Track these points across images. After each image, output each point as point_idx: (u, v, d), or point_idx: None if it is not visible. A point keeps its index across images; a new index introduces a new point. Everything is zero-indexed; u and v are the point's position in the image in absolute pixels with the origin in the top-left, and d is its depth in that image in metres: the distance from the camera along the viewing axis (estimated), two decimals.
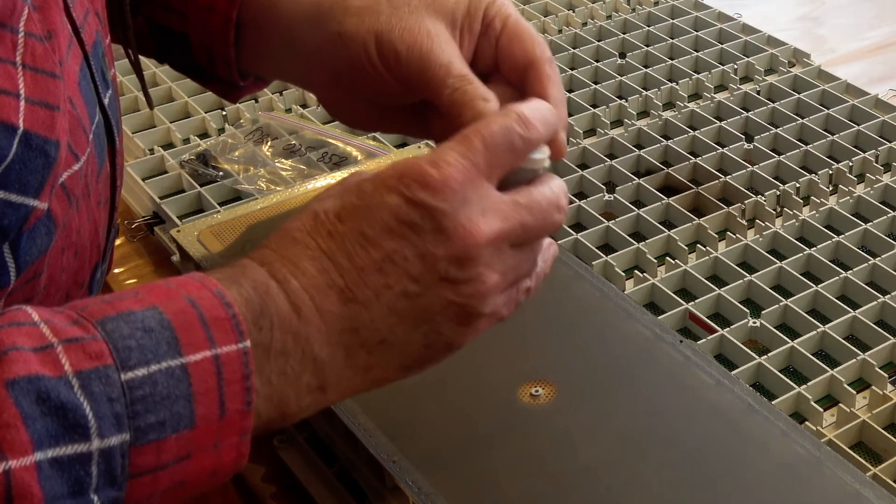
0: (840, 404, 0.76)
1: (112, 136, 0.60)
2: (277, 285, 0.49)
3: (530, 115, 0.52)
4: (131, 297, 0.46)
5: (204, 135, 1.09)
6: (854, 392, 0.77)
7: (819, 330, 0.82)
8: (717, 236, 0.93)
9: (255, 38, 0.67)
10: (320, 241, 0.50)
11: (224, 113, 1.10)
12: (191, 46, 0.69)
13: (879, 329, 0.82)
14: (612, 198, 0.98)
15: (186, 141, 1.07)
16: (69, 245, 0.55)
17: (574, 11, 1.28)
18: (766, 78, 1.16)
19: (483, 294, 0.51)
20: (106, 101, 0.59)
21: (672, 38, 1.22)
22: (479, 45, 0.61)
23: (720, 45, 1.20)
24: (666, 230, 0.93)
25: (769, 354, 0.80)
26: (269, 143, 1.03)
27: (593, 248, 0.91)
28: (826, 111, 1.09)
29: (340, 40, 0.61)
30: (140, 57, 0.72)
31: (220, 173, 1.00)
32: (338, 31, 0.61)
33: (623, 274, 0.88)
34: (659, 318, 0.81)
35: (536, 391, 0.71)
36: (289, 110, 1.10)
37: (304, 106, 1.11)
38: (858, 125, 1.06)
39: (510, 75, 0.60)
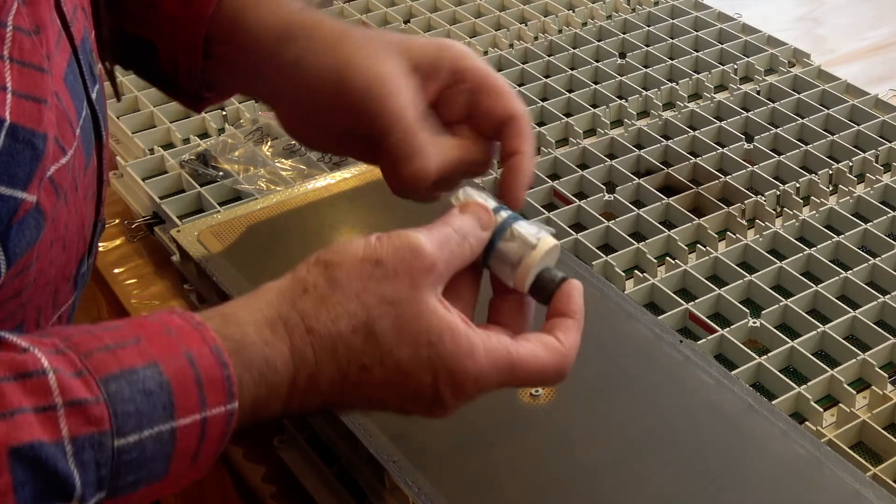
0: (840, 404, 0.76)
1: (99, 131, 0.61)
2: (286, 396, 0.51)
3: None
4: (133, 343, 0.47)
5: (204, 135, 1.09)
6: (854, 392, 0.77)
7: (819, 330, 0.82)
8: (717, 236, 0.93)
9: (222, 51, 0.67)
10: (351, 370, 0.52)
11: (224, 113, 1.10)
12: (157, 55, 0.69)
13: (879, 329, 0.82)
14: (612, 198, 0.98)
15: (186, 141, 1.07)
16: (57, 238, 0.55)
17: (574, 11, 1.28)
18: (766, 78, 1.16)
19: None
20: (94, 95, 0.60)
21: (672, 38, 1.22)
22: (446, 94, 0.62)
23: (720, 45, 1.20)
24: (666, 230, 0.93)
25: (769, 354, 0.80)
26: (269, 143, 1.03)
27: (593, 248, 0.91)
28: (826, 111, 1.09)
29: (301, 67, 0.62)
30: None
31: (220, 173, 1.00)
32: (300, 56, 0.62)
33: (623, 274, 0.88)
34: (659, 318, 0.81)
35: (536, 391, 0.71)
36: None
37: None
38: (858, 125, 1.06)
39: (483, 126, 0.62)
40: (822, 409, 0.76)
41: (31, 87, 0.50)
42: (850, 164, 1.01)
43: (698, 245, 0.92)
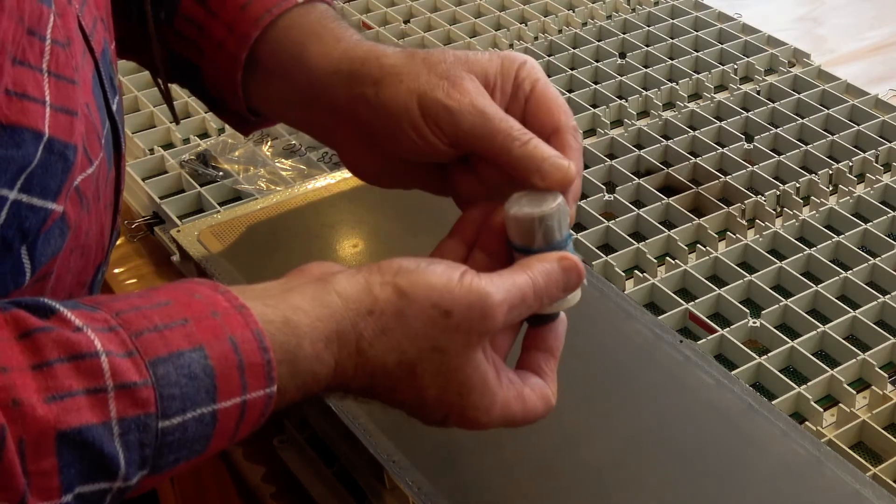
0: (840, 404, 0.76)
1: (118, 141, 0.61)
2: (324, 387, 0.53)
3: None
4: (180, 325, 0.48)
5: (204, 135, 1.09)
6: (854, 392, 0.77)
7: (819, 330, 0.82)
8: (717, 236, 0.93)
9: (277, 84, 0.66)
10: (379, 390, 0.54)
11: None
12: (201, 75, 0.69)
13: (879, 329, 0.82)
14: (612, 198, 0.98)
15: (186, 141, 1.07)
16: (77, 246, 0.56)
17: (574, 11, 1.28)
18: (766, 78, 1.16)
19: None
20: (114, 106, 0.60)
21: (672, 38, 1.22)
22: (509, 104, 0.61)
23: (720, 45, 1.20)
24: (666, 230, 0.93)
25: (769, 354, 0.80)
26: (269, 143, 1.04)
27: (593, 248, 0.91)
28: (826, 111, 1.09)
29: (377, 101, 0.60)
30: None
31: (220, 173, 1.00)
32: (374, 92, 0.60)
33: (623, 274, 0.88)
34: (659, 318, 0.81)
35: None
36: None
37: None
38: (858, 125, 1.06)
39: (533, 131, 0.60)
40: (822, 409, 0.76)
41: (65, 99, 0.50)
42: (850, 164, 1.01)
43: (698, 245, 0.92)
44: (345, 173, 0.93)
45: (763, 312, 0.84)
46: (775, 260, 0.89)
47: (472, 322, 0.52)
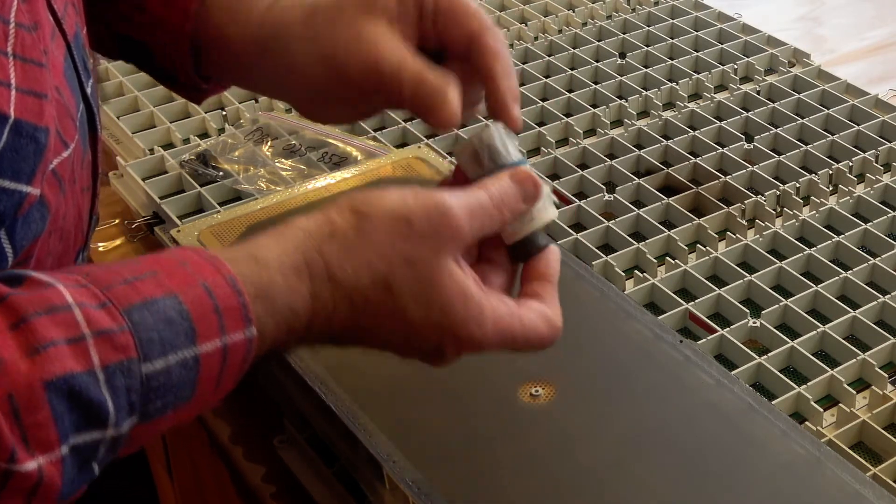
0: (840, 404, 0.76)
1: (94, 124, 0.61)
2: (305, 331, 0.53)
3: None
4: (150, 276, 0.48)
5: (204, 135, 1.09)
6: (854, 392, 0.77)
7: (819, 330, 0.82)
8: (717, 236, 0.93)
9: (211, 52, 0.67)
10: (364, 320, 0.53)
11: (224, 113, 1.10)
12: (153, 54, 0.69)
13: (879, 329, 0.82)
14: (612, 198, 0.98)
15: (186, 141, 1.07)
16: (55, 229, 0.56)
17: (574, 11, 1.28)
18: (766, 78, 1.16)
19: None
20: (88, 89, 0.60)
21: (672, 38, 1.22)
22: (421, 28, 0.61)
23: (720, 45, 1.20)
24: (666, 230, 0.93)
25: (769, 354, 0.80)
26: (269, 143, 1.03)
27: (593, 248, 0.91)
28: (826, 111, 1.09)
29: (295, 70, 0.63)
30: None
31: (220, 173, 1.00)
32: (290, 62, 0.63)
33: (623, 274, 0.88)
34: (659, 318, 0.81)
35: (536, 391, 0.71)
36: (289, 110, 1.10)
37: None
38: (858, 125, 1.06)
39: (456, 52, 0.61)
40: (822, 409, 0.76)
41: (32, 82, 0.51)
42: (850, 164, 1.01)
43: (698, 245, 0.92)
44: (345, 173, 0.93)
45: (763, 312, 0.84)
46: (775, 260, 0.89)
47: (435, 227, 0.53)
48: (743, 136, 1.06)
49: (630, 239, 0.92)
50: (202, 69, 0.69)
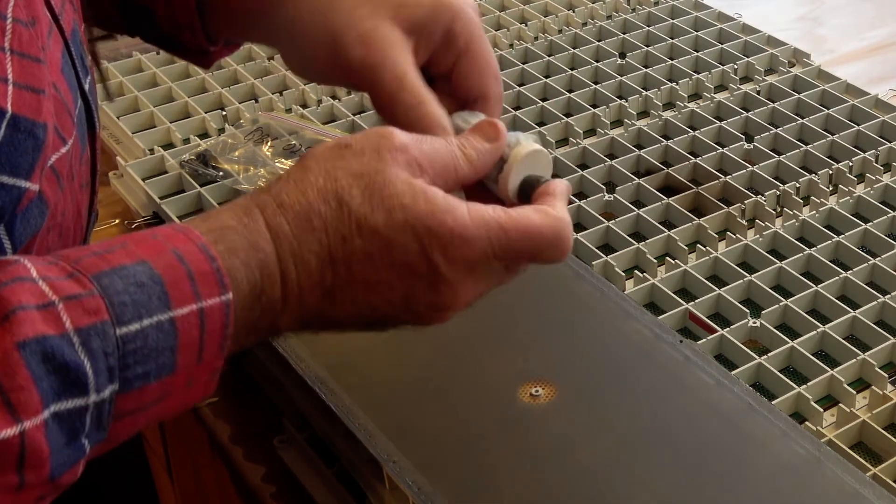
0: (840, 404, 0.76)
1: (92, 120, 0.61)
2: (280, 275, 0.51)
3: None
4: (119, 248, 0.48)
5: (204, 135, 1.09)
6: (854, 392, 0.77)
7: (819, 330, 0.82)
8: (717, 236, 0.93)
9: (217, 9, 0.67)
10: (333, 243, 0.51)
11: (224, 113, 1.10)
12: (156, 18, 0.69)
13: (879, 329, 0.82)
14: (612, 198, 0.98)
15: (186, 141, 1.07)
16: (54, 226, 0.56)
17: (574, 11, 1.28)
18: (766, 78, 1.16)
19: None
20: (86, 86, 0.60)
21: (672, 38, 1.22)
22: (436, 52, 0.61)
23: (720, 45, 1.20)
24: (666, 230, 0.93)
25: (769, 354, 0.80)
26: (269, 143, 1.03)
27: (593, 248, 0.91)
28: (826, 111, 1.09)
29: (294, 30, 0.61)
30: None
31: (220, 173, 1.00)
32: (292, 20, 0.61)
33: (623, 274, 0.88)
34: (659, 318, 0.81)
35: (536, 391, 0.71)
36: (289, 110, 1.10)
37: (304, 106, 1.11)
38: (858, 125, 1.06)
39: (459, 93, 0.61)
40: (822, 409, 0.76)
41: (30, 77, 0.51)
42: (850, 164, 1.01)
43: (698, 245, 0.92)
44: None
45: (763, 312, 0.84)
46: (775, 260, 0.89)
47: (375, 144, 0.52)
48: (743, 136, 1.06)
49: (630, 239, 0.92)
50: (208, 27, 0.68)
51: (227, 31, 0.69)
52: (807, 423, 0.75)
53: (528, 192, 0.55)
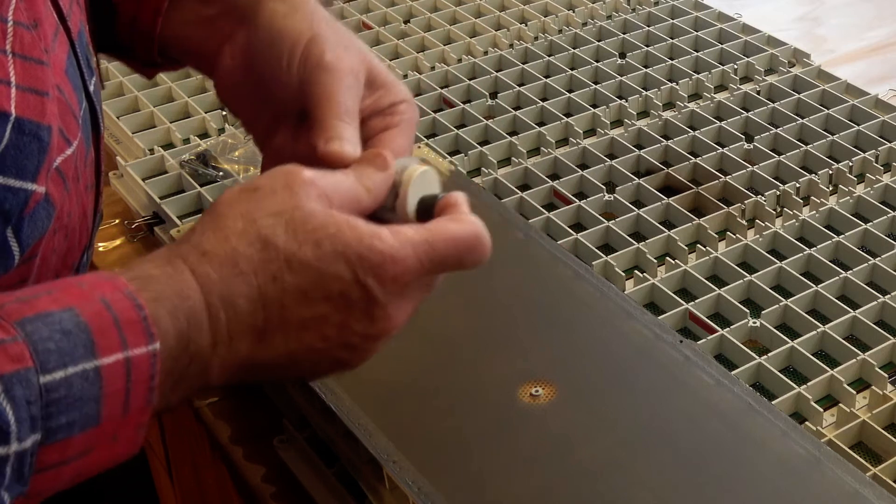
0: (840, 404, 0.76)
1: (97, 122, 0.61)
2: (208, 321, 0.50)
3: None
4: (45, 295, 0.47)
5: (204, 135, 1.09)
6: (854, 392, 0.77)
7: (819, 330, 0.82)
8: (717, 236, 0.93)
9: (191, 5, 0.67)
10: (262, 283, 0.50)
11: (224, 113, 1.10)
12: (116, 17, 0.69)
13: (879, 329, 0.82)
14: (612, 198, 0.98)
15: (186, 141, 1.07)
16: (60, 227, 0.56)
17: (574, 11, 1.28)
18: (766, 78, 1.16)
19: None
20: (91, 87, 0.60)
21: (672, 38, 1.22)
22: (370, 109, 0.62)
23: (720, 45, 1.20)
24: (666, 230, 0.93)
25: (769, 354, 0.80)
26: None
27: (593, 248, 0.91)
28: (826, 111, 1.09)
29: (270, 25, 0.62)
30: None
31: (220, 173, 1.00)
32: (286, 11, 0.62)
33: (623, 274, 0.88)
34: (659, 318, 0.81)
35: (536, 391, 0.71)
36: None
37: None
38: (858, 125, 1.06)
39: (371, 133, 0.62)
40: (822, 409, 0.76)
41: (33, 80, 0.50)
42: (850, 164, 1.01)
43: (698, 245, 0.92)
44: None
45: (763, 312, 0.84)
46: (775, 260, 0.89)
47: (282, 180, 0.52)
48: (743, 136, 1.06)
49: (630, 239, 0.92)
50: (163, 35, 0.68)
51: (182, 31, 0.69)
52: (807, 423, 0.75)
53: (428, 210, 0.56)
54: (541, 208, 0.96)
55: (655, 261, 0.90)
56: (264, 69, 0.63)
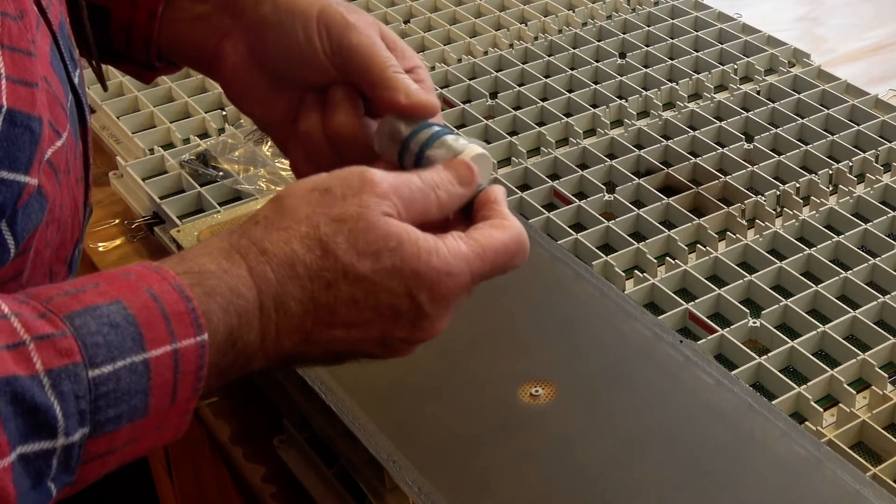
0: (840, 404, 0.77)
1: (83, 114, 0.61)
2: (259, 320, 0.50)
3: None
4: (92, 288, 0.47)
5: (204, 135, 1.09)
6: (854, 392, 0.77)
7: (819, 330, 0.82)
8: (717, 236, 0.93)
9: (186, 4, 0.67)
10: (317, 290, 0.51)
11: (224, 113, 1.10)
12: (109, 23, 0.68)
13: (879, 329, 0.82)
14: (612, 198, 0.98)
15: (186, 141, 1.07)
16: (52, 220, 0.56)
17: (574, 11, 1.28)
18: (766, 78, 1.16)
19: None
20: (76, 79, 0.60)
21: (672, 38, 1.22)
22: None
23: (720, 45, 1.20)
24: (666, 230, 0.93)
25: (769, 354, 0.80)
26: (269, 143, 1.03)
27: (593, 248, 0.91)
28: (826, 111, 1.09)
29: (285, 8, 0.62)
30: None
31: (220, 173, 1.00)
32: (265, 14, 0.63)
33: (623, 274, 0.88)
34: (659, 318, 0.81)
35: (536, 391, 0.71)
36: None
37: None
38: (858, 125, 1.06)
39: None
40: (822, 409, 0.76)
41: (22, 71, 0.50)
42: (850, 164, 1.01)
43: (698, 245, 0.92)
44: None
45: (763, 312, 0.84)
46: (775, 260, 0.89)
47: (355, 189, 0.52)
48: (743, 136, 1.06)
49: (630, 239, 0.92)
50: (163, 33, 0.68)
51: (183, 32, 0.69)
52: (807, 423, 0.75)
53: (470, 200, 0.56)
54: (541, 208, 0.96)
55: (655, 261, 0.90)
56: (278, 52, 0.63)
